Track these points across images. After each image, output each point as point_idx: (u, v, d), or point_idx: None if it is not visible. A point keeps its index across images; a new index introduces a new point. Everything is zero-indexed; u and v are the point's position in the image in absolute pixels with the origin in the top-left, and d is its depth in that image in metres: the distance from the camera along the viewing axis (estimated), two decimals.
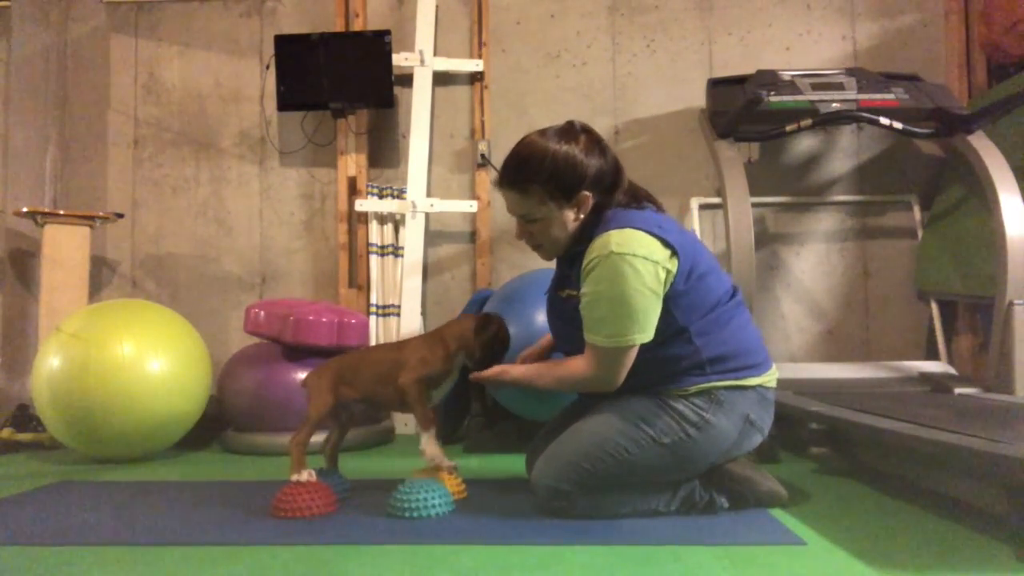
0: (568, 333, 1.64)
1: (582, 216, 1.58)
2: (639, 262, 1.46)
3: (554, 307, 1.72)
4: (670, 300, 1.52)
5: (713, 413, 1.53)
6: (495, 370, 1.68)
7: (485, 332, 1.73)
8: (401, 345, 1.79)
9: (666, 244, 1.50)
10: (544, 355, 1.83)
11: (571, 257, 1.62)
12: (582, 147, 1.55)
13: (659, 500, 1.59)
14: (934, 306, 2.94)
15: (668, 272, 1.50)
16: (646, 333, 1.49)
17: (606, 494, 1.57)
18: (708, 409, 1.53)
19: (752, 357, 1.59)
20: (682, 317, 1.53)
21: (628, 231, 1.49)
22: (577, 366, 1.56)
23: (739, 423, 1.55)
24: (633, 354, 1.51)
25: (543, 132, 1.59)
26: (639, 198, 1.63)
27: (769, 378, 1.61)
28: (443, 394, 1.79)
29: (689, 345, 1.53)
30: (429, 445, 1.69)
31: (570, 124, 1.60)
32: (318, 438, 2.06)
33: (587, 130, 1.60)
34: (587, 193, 1.55)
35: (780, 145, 3.13)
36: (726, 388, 1.54)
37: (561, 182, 1.54)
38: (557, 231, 1.59)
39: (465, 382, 1.82)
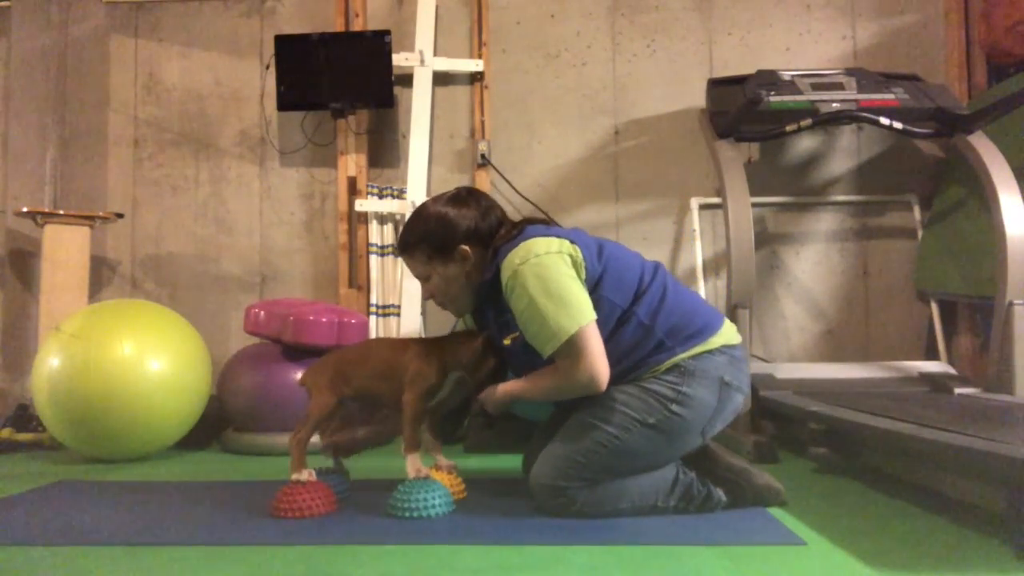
0: (532, 368, 1.64)
1: (469, 268, 1.66)
2: (544, 259, 1.54)
3: (509, 356, 1.71)
4: (596, 284, 1.59)
5: (688, 384, 1.57)
6: (486, 394, 1.69)
7: (484, 366, 1.69)
8: (404, 346, 1.75)
9: (558, 237, 1.60)
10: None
11: (497, 303, 1.65)
12: (457, 207, 1.67)
13: (657, 494, 1.60)
14: (934, 306, 2.94)
15: (573, 255, 1.58)
16: (585, 314, 1.53)
17: (605, 487, 1.58)
18: (682, 382, 1.57)
19: (701, 317, 1.64)
20: (614, 294, 1.59)
21: (520, 246, 1.58)
22: (555, 376, 1.58)
23: (715, 388, 1.59)
24: (591, 337, 1.53)
25: (434, 198, 1.72)
26: (523, 222, 1.70)
27: (729, 336, 1.65)
28: (433, 401, 1.77)
29: (640, 328, 1.59)
30: (412, 465, 1.66)
31: (457, 190, 1.73)
32: (316, 437, 2.05)
33: (472, 192, 1.72)
34: (465, 247, 1.65)
35: (780, 145, 3.13)
36: (692, 357, 1.59)
37: (436, 240, 1.66)
38: (452, 288, 1.70)
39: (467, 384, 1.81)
